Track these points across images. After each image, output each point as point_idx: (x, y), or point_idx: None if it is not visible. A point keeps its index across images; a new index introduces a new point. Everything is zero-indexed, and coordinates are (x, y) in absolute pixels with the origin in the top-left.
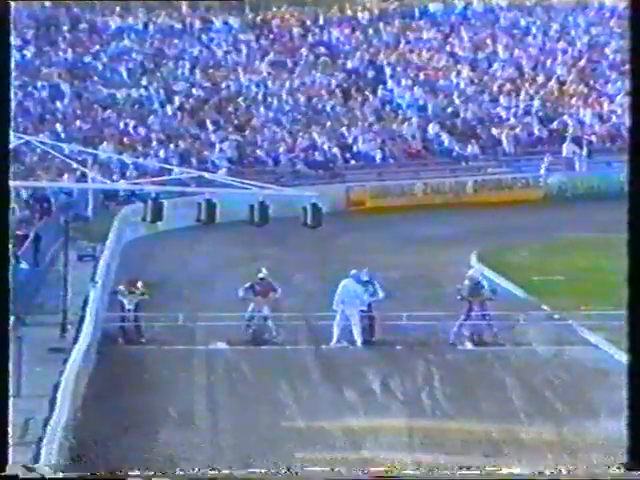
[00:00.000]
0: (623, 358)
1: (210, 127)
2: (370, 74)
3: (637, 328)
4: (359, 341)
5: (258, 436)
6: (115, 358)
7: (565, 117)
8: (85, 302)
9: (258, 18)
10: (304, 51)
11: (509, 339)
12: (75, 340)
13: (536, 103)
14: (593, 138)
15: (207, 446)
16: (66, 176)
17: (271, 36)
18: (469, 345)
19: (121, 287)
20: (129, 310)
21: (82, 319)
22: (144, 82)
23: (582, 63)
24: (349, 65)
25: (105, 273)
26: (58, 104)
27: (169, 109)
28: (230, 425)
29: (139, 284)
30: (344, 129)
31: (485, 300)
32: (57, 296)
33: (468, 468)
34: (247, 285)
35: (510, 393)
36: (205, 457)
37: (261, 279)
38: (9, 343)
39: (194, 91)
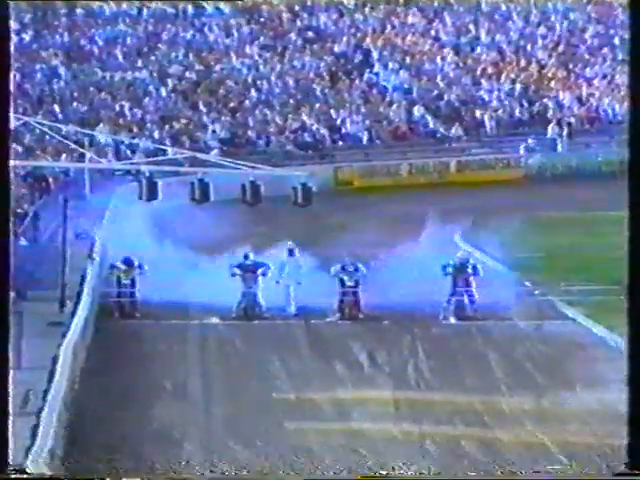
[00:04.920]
0: (601, 332)
1: (203, 109)
2: (357, 58)
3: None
4: (293, 308)
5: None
6: (112, 332)
7: (545, 100)
8: (83, 278)
9: (248, 3)
10: (293, 35)
11: (492, 314)
12: (73, 314)
13: (517, 86)
14: (572, 120)
15: (200, 418)
16: (64, 156)
17: (261, 20)
18: (453, 320)
19: (118, 263)
20: (125, 285)
21: (80, 294)
22: (139, 65)
23: (561, 47)
24: (337, 49)
25: (101, 250)
26: (55, 86)
27: (163, 91)
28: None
29: (136, 260)
30: (332, 111)
31: (469, 277)
32: (56, 272)
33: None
34: (235, 264)
35: (492, 366)
36: (198, 429)
37: (248, 264)
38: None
39: (187, 74)
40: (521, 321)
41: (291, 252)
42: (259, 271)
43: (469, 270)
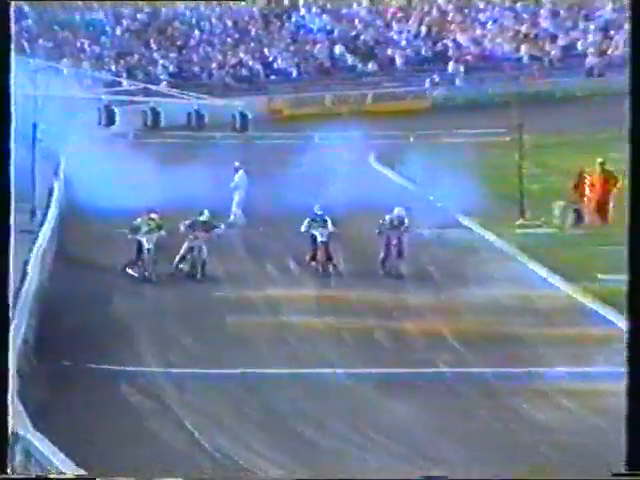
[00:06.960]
0: (491, 238)
1: (154, 46)
2: (285, 2)
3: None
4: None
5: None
6: (76, 239)
7: (446, 40)
8: (50, 193)
9: None
10: None
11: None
12: (42, 224)
13: (423, 28)
14: (469, 58)
15: (154, 314)
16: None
17: None
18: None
19: (138, 221)
20: (148, 250)
21: (48, 206)
22: (95, 7)
23: None
24: None
25: (65, 168)
26: (24, 24)
27: (118, 30)
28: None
29: (155, 215)
30: (265, 49)
31: (402, 233)
32: (27, 187)
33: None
34: (188, 222)
35: (401, 269)
36: (153, 324)
37: (203, 222)
38: None
39: (139, 16)
40: (425, 230)
41: (237, 170)
42: (210, 232)
43: (402, 228)
